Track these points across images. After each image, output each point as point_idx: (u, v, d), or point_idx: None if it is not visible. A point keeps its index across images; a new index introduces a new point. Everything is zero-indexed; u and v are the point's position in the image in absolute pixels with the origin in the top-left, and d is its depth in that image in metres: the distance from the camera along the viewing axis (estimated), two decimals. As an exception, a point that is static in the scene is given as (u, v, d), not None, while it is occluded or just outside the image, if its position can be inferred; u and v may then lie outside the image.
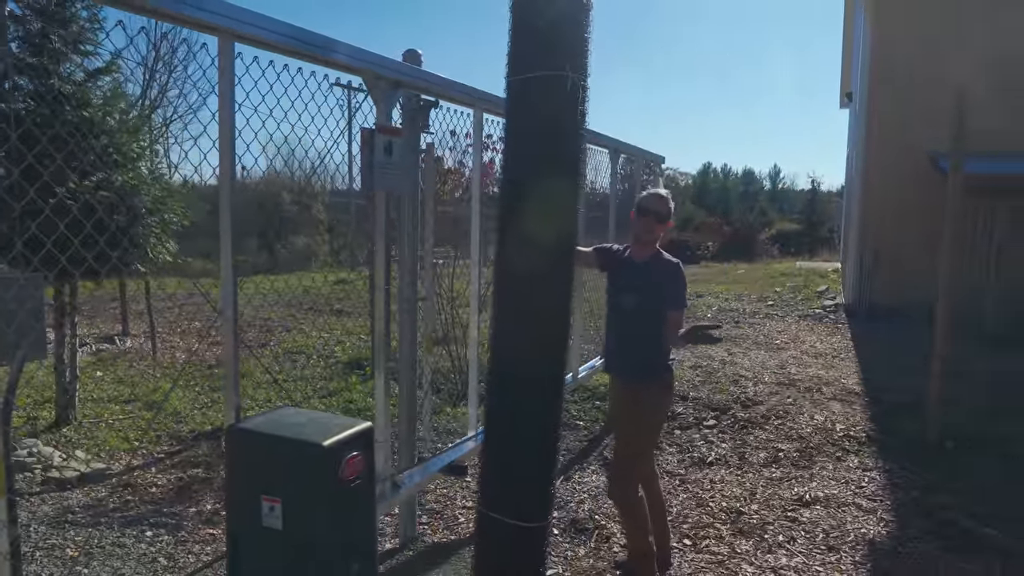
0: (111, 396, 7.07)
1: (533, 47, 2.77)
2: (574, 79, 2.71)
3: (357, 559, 2.32)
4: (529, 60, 2.75)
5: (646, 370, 3.45)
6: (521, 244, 2.86)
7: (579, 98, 2.77)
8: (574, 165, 2.90)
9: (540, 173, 2.80)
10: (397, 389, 3.79)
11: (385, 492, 3.35)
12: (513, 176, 2.87)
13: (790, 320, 11.64)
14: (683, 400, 6.94)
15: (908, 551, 3.91)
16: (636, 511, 3.46)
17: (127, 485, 4.89)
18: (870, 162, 11.53)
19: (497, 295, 3.00)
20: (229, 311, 2.43)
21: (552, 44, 2.73)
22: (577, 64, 2.77)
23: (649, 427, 3.56)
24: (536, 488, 3.01)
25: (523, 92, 2.77)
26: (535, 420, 2.97)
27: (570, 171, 2.87)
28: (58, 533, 4.05)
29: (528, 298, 2.91)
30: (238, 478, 2.32)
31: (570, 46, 2.78)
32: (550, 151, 2.79)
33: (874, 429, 6.06)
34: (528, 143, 2.84)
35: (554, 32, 2.75)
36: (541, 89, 2.73)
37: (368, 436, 2.35)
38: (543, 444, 3.02)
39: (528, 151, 2.84)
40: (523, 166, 2.85)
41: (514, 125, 2.88)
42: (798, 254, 31.22)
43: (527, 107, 2.80)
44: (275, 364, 8.71)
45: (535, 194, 2.78)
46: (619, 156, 6.66)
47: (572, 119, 2.82)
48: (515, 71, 2.78)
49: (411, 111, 3.55)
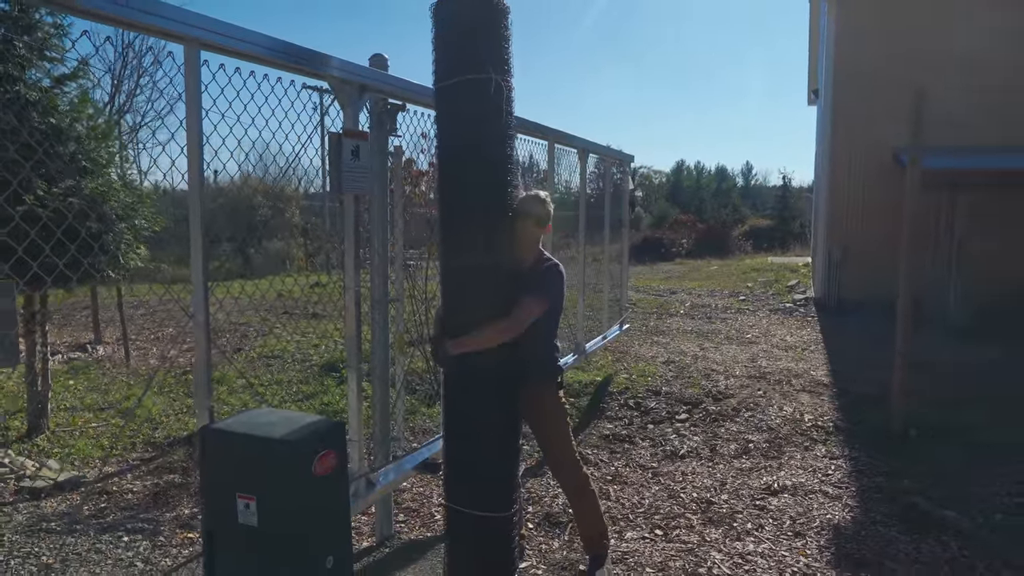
0: (84, 404, 7.02)
1: (455, 54, 2.96)
2: (497, 80, 2.89)
3: (332, 552, 2.37)
4: (454, 65, 2.94)
5: (542, 370, 3.46)
6: (458, 238, 3.03)
7: (503, 96, 2.95)
8: (502, 160, 3.07)
9: (469, 169, 3.01)
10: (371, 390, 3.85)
11: (360, 490, 3.40)
12: (448, 172, 3.07)
13: (761, 315, 11.84)
14: (656, 395, 7.06)
15: (870, 534, 4.04)
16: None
17: (102, 492, 4.88)
18: (836, 158, 11.76)
19: (443, 288, 3.17)
20: (201, 315, 2.47)
21: (473, 49, 2.92)
22: (498, 65, 2.96)
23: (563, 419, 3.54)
24: (496, 481, 3.14)
25: (451, 95, 2.98)
26: (491, 415, 3.12)
27: (497, 165, 3.06)
28: (33, 541, 4.04)
29: (466, 289, 3.09)
30: (213, 477, 2.36)
31: (490, 50, 2.95)
32: (478, 148, 3.00)
33: (841, 419, 6.22)
34: (458, 141, 3.04)
35: (473, 38, 2.93)
36: (467, 91, 2.93)
37: (339, 433, 2.41)
38: (501, 438, 3.15)
39: (459, 148, 3.04)
40: (455, 163, 3.05)
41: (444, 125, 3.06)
42: (771, 250, 31.66)
43: (455, 109, 3.01)
44: (250, 369, 8.69)
45: (467, 190, 3.01)
46: (588, 156, 6.75)
47: (498, 114, 3.00)
48: (440, 78, 2.99)
49: (378, 114, 3.60)
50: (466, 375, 3.11)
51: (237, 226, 25.95)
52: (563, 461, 3.50)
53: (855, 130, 11.41)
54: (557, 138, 5.79)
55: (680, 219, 39.47)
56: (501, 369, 3.13)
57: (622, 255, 8.54)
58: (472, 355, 3.05)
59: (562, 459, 3.50)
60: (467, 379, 3.12)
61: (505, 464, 3.21)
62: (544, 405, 3.43)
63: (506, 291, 3.12)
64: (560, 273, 3.37)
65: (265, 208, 25.04)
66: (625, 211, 8.33)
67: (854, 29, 11.51)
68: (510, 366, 3.17)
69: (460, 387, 3.17)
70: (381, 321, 3.78)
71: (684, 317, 11.73)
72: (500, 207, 3.06)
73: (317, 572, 2.32)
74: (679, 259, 26.90)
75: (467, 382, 3.13)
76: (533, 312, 3.16)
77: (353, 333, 3.37)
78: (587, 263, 6.94)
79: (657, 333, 10.41)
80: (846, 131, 11.59)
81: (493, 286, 3.10)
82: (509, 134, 3.08)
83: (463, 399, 3.17)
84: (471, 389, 3.14)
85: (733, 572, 3.60)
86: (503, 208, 3.08)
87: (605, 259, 7.68)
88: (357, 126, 3.18)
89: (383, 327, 3.79)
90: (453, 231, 3.07)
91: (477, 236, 3.01)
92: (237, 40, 2.41)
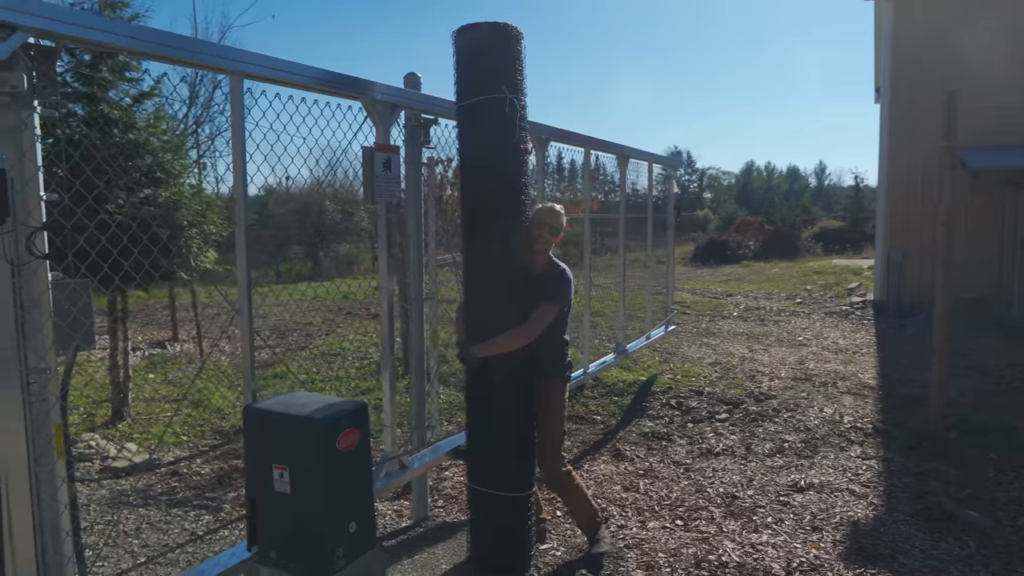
0: (161, 396, 7.63)
1: (474, 76, 3.32)
2: (511, 99, 3.23)
3: (355, 518, 2.69)
4: (473, 87, 3.30)
5: (553, 365, 3.71)
6: (478, 241, 3.35)
7: (517, 114, 3.28)
8: (515, 172, 3.39)
9: (486, 181, 3.36)
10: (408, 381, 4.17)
11: (393, 471, 3.73)
12: (468, 185, 3.42)
13: (815, 317, 11.70)
14: (698, 395, 7.18)
15: (889, 531, 4.11)
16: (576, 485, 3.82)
17: (174, 473, 5.37)
18: (894, 157, 11.52)
19: (466, 293, 3.50)
20: (245, 309, 2.84)
21: (489, 72, 3.26)
22: (511, 84, 3.29)
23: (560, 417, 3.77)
24: (513, 465, 3.46)
25: (471, 113, 3.34)
26: (509, 406, 3.45)
27: (512, 174, 3.38)
28: (113, 512, 4.54)
29: (488, 294, 3.42)
30: (253, 450, 2.71)
31: (506, 71, 3.29)
32: (493, 161, 3.33)
33: (882, 421, 6.21)
34: (476, 155, 3.39)
35: (489, 62, 3.28)
36: (483, 109, 3.28)
37: (362, 414, 2.72)
38: (518, 427, 3.47)
39: (477, 161, 3.40)
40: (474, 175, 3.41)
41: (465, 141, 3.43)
42: (842, 252, 30.79)
43: (473, 125, 3.36)
44: (312, 365, 9.20)
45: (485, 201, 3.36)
46: (628, 162, 6.95)
47: (513, 129, 3.32)
48: (460, 98, 3.37)
49: (412, 128, 3.93)
50: (488, 371, 3.42)
51: (306, 230, 26.89)
52: (552, 456, 3.73)
53: (914, 128, 11.15)
54: (594, 145, 6.02)
55: (747, 221, 38.78)
56: (519, 365, 3.44)
57: (668, 258, 8.67)
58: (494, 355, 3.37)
59: (552, 453, 3.73)
60: (488, 374, 3.43)
61: (521, 450, 3.51)
62: (551, 396, 3.70)
63: (522, 295, 3.44)
64: (569, 278, 3.66)
65: (335, 212, 25.95)
66: (670, 214, 8.45)
67: (912, 26, 11.27)
68: (527, 363, 3.47)
69: (482, 381, 3.49)
70: (416, 318, 4.10)
71: (737, 319, 11.70)
72: (514, 214, 3.35)
73: (341, 536, 2.64)
74: (745, 261, 26.50)
75: (488, 377, 3.44)
76: (548, 317, 3.47)
77: (386, 329, 3.69)
78: (627, 265, 7.12)
79: (708, 335, 10.45)
80: (905, 129, 11.34)
81: (510, 291, 3.42)
82: (523, 147, 3.38)
83: (484, 392, 3.50)
84: (492, 383, 3.46)
85: (742, 560, 3.76)
86: (518, 215, 3.37)
87: (649, 262, 7.83)
88: (388, 140, 3.50)
89: (418, 323, 4.12)
90: (473, 238, 3.39)
91: (494, 243, 3.32)
92: (275, 70, 2.76)
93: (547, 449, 3.73)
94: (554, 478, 3.76)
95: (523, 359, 3.44)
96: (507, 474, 3.47)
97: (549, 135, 5.16)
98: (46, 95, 2.20)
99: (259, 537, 2.74)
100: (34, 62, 2.14)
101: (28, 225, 2.15)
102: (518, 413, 3.47)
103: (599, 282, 7.65)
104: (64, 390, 2.34)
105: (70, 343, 2.39)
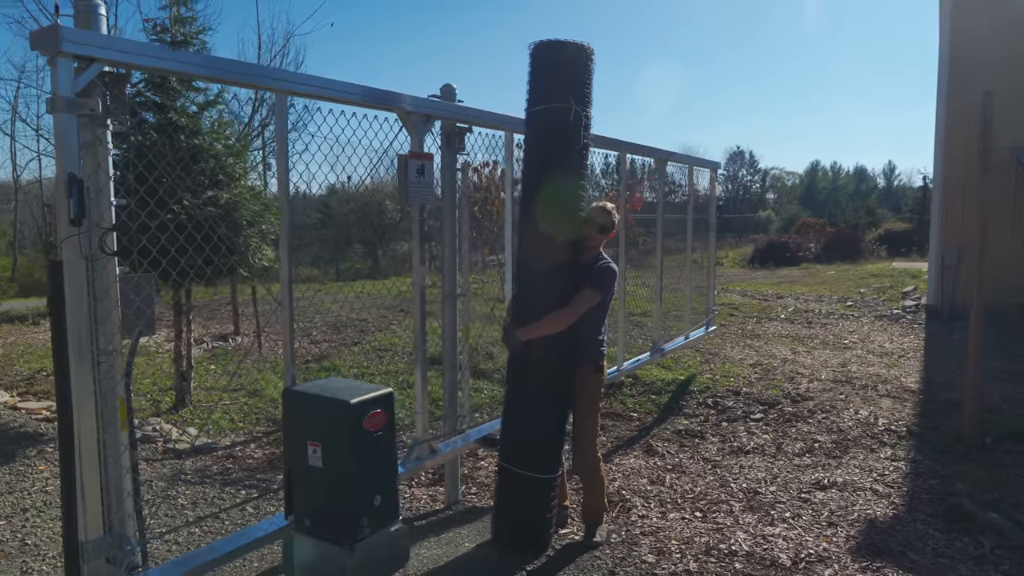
0: (221, 385, 8.14)
1: (546, 86, 3.67)
2: (576, 109, 3.56)
3: (380, 493, 2.98)
4: (543, 95, 3.66)
5: (588, 353, 3.91)
6: (534, 239, 3.65)
7: (581, 123, 3.62)
8: (576, 172, 3.74)
9: (548, 179, 3.69)
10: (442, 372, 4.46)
11: (423, 455, 4.02)
12: (529, 181, 3.76)
13: (864, 320, 11.55)
14: (735, 395, 7.27)
15: (906, 529, 4.19)
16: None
17: (229, 456, 5.80)
18: (950, 156, 11.28)
19: (515, 278, 3.81)
20: (286, 301, 3.16)
21: (561, 83, 3.61)
22: (579, 97, 3.63)
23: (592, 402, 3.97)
24: (542, 447, 3.74)
25: (538, 119, 3.70)
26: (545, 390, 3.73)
27: (573, 177, 3.72)
28: (173, 488, 4.97)
29: (536, 281, 3.71)
30: (291, 428, 3.03)
31: (574, 84, 3.63)
32: (556, 162, 3.68)
33: (917, 424, 6.21)
34: (539, 156, 3.73)
35: (562, 74, 3.63)
36: (551, 117, 3.64)
37: (388, 399, 3.01)
38: (551, 412, 3.76)
39: (539, 163, 3.72)
40: (535, 174, 3.75)
41: (530, 144, 3.79)
42: (907, 255, 29.89)
43: (538, 130, 3.72)
44: (364, 360, 9.61)
45: (545, 196, 3.67)
46: (667, 164, 7.10)
47: (576, 137, 3.67)
48: (530, 105, 3.73)
49: (448, 135, 4.21)
50: (529, 354, 3.74)
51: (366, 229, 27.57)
52: (585, 439, 3.95)
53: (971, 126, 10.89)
54: (630, 149, 6.19)
55: (808, 222, 37.93)
56: (559, 352, 3.76)
57: (709, 259, 8.76)
58: (536, 340, 3.66)
59: (585, 436, 3.95)
60: (529, 358, 3.76)
61: (551, 434, 3.80)
62: (585, 382, 3.92)
63: (567, 284, 3.75)
64: (614, 271, 3.92)
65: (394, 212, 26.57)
66: (712, 216, 8.54)
67: (970, 25, 11.02)
68: (568, 350, 3.78)
69: (522, 363, 3.81)
70: (450, 313, 4.39)
71: (784, 322, 11.64)
72: (571, 212, 3.70)
73: (367, 508, 2.93)
74: (804, 264, 26.02)
75: (529, 360, 3.77)
76: (589, 302, 3.75)
77: (419, 323, 3.98)
78: (664, 267, 7.26)
79: (752, 337, 10.45)
80: (963, 128, 11.09)
81: (558, 280, 3.74)
82: (583, 152, 3.73)
83: (523, 373, 3.82)
84: (531, 366, 3.78)
85: (751, 549, 3.91)
86: (574, 212, 3.71)
87: (687, 263, 7.95)
88: (422, 148, 3.79)
89: (452, 318, 4.40)
90: (530, 230, 3.73)
91: (547, 238, 3.66)
92: (316, 87, 3.08)
93: (579, 431, 3.95)
94: (583, 461, 3.97)
95: (563, 346, 3.73)
96: (536, 455, 3.76)
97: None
98: (117, 114, 2.55)
99: (295, 507, 3.05)
100: (108, 87, 2.49)
101: (100, 227, 2.50)
102: (553, 398, 3.77)
103: (650, 282, 7.82)
104: (128, 369, 2.70)
105: (134, 329, 2.75)
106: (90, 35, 2.35)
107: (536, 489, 3.74)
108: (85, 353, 2.47)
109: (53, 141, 2.42)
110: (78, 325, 2.44)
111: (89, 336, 2.48)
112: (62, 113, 2.32)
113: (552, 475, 3.79)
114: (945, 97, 11.36)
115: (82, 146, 2.44)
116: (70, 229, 2.36)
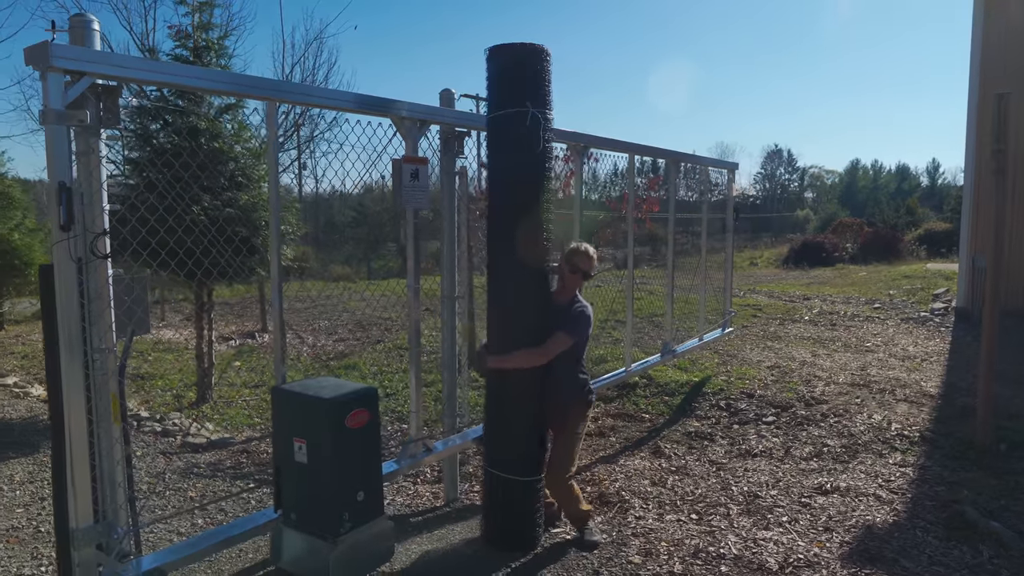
0: (244, 382, 8.36)
1: (500, 91, 3.71)
2: (533, 112, 3.57)
3: (363, 489, 3.07)
4: (497, 101, 3.70)
5: (572, 391, 3.99)
6: (502, 242, 3.70)
7: (540, 125, 3.63)
8: (536, 177, 3.76)
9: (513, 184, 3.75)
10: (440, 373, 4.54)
11: (418, 453, 4.11)
12: (495, 186, 3.81)
13: (890, 323, 11.34)
14: (748, 397, 7.22)
15: (904, 536, 4.15)
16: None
17: (244, 451, 5.96)
18: (981, 154, 11.01)
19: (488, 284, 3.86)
20: (277, 302, 3.27)
21: (517, 87, 3.64)
22: (535, 99, 3.65)
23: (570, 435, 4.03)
24: (522, 453, 3.80)
25: (496, 124, 3.72)
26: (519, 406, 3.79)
27: (535, 180, 3.74)
28: (185, 481, 5.15)
29: (508, 285, 3.77)
30: (278, 425, 3.14)
31: (529, 86, 3.66)
32: (518, 164, 3.71)
33: (931, 430, 6.10)
34: (502, 159, 3.76)
35: (518, 78, 3.66)
36: (508, 122, 3.66)
37: (372, 397, 3.10)
38: (527, 423, 3.82)
39: (500, 175, 3.77)
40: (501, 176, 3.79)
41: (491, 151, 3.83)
42: (947, 255, 29.17)
43: (498, 136, 3.76)
44: (384, 358, 9.76)
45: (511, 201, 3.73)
46: (680, 166, 7.09)
47: (535, 141, 3.68)
48: (490, 109, 3.77)
49: (446, 139, 4.29)
50: (504, 372, 3.81)
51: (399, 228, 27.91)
52: (559, 466, 3.98)
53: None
54: (637, 150, 6.21)
55: (845, 222, 37.24)
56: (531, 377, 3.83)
57: (726, 261, 8.71)
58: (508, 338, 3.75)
59: (559, 463, 3.99)
60: (504, 379, 3.84)
61: (530, 440, 3.85)
62: (567, 418, 4.00)
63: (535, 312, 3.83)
64: (588, 317, 3.96)
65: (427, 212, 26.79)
66: (729, 217, 8.49)
67: (1000, 25, 10.74)
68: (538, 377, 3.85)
69: (498, 378, 3.88)
70: (448, 314, 4.47)
71: (807, 324, 11.49)
72: (535, 221, 3.73)
73: (350, 503, 3.03)
74: (840, 264, 25.58)
75: (504, 376, 3.83)
76: (560, 346, 3.82)
77: (414, 324, 4.07)
78: (680, 269, 7.25)
79: (773, 338, 10.35)
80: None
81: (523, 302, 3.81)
82: (544, 154, 3.75)
83: (499, 388, 3.88)
84: (506, 387, 3.85)
85: (739, 553, 3.92)
86: (537, 221, 3.73)
87: (701, 264, 7.92)
88: (416, 153, 3.88)
89: (450, 319, 4.48)
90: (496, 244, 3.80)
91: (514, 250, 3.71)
92: (309, 96, 3.19)
93: (555, 462, 3.99)
94: (552, 484, 4.01)
95: (536, 371, 3.80)
96: (517, 460, 3.81)
97: (587, 143, 5.42)
98: (110, 125, 2.68)
99: (283, 501, 3.17)
100: (100, 99, 2.62)
101: (93, 231, 2.63)
102: (528, 408, 3.82)
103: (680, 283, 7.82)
104: (122, 366, 2.83)
105: (126, 328, 2.88)
106: (79, 50, 2.48)
107: (520, 492, 3.82)
108: (75, 351, 2.60)
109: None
110: (68, 324, 2.58)
111: (80, 335, 2.61)
112: (52, 124, 2.45)
113: (535, 477, 3.86)
114: (977, 97, 11.09)
115: (76, 155, 2.57)
116: (61, 234, 2.50)
